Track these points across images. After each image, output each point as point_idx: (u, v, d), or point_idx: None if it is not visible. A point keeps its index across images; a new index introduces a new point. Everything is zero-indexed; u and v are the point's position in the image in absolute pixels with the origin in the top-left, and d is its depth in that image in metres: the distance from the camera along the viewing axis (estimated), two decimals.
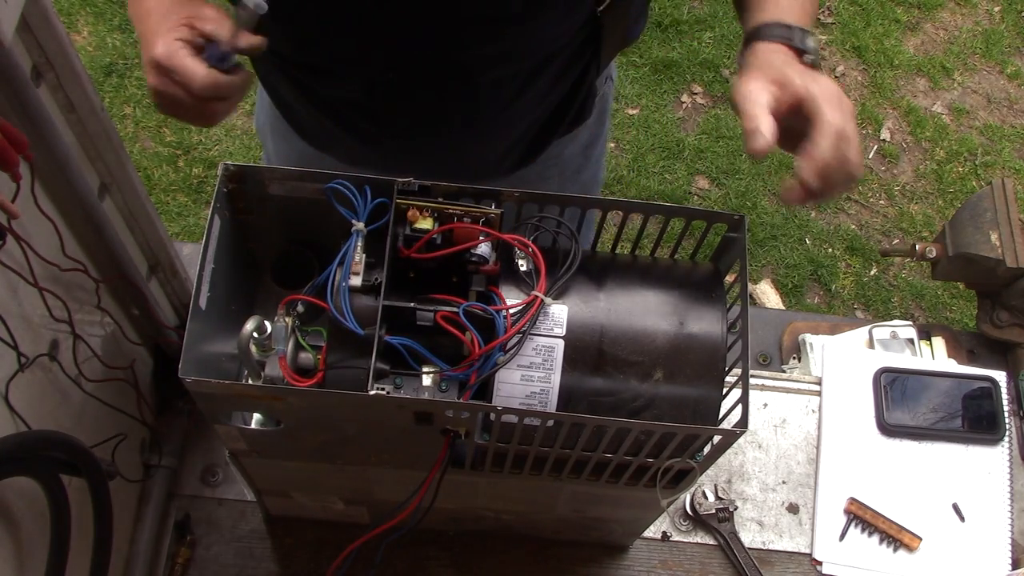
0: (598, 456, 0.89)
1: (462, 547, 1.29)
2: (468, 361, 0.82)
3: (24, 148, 0.80)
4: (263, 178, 0.90)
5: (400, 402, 0.81)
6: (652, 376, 0.85)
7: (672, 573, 1.30)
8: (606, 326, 0.85)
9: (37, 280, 0.89)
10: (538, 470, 0.94)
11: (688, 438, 0.84)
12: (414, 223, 0.84)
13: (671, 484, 0.93)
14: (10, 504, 0.88)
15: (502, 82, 1.09)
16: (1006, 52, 3.04)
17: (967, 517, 1.34)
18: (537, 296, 0.83)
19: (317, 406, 0.85)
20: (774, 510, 1.34)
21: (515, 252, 0.86)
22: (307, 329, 0.88)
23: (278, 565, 1.26)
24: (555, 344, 0.84)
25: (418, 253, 0.84)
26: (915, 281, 2.61)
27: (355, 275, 0.82)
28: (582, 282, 0.87)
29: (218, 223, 0.88)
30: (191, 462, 1.30)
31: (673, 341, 0.86)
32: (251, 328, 0.86)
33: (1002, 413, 1.39)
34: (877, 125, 2.87)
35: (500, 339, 0.81)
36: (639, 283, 0.89)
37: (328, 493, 1.14)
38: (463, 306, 0.82)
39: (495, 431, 0.85)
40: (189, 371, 0.80)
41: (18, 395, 0.88)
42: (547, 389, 0.84)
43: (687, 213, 0.92)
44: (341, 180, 0.85)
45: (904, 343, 1.47)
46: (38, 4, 0.85)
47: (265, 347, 0.87)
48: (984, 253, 1.40)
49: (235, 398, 0.85)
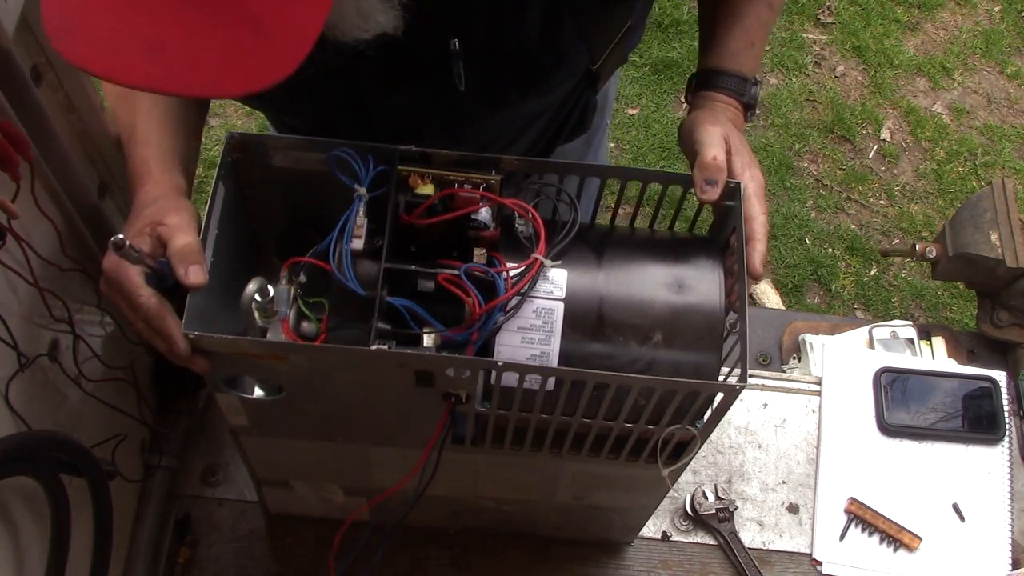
0: (598, 425, 0.90)
1: (462, 547, 1.29)
2: (469, 322, 0.83)
3: (24, 148, 0.81)
4: (267, 147, 0.90)
5: (402, 359, 0.81)
6: (651, 339, 0.86)
7: (672, 573, 1.30)
8: (605, 293, 0.87)
9: (37, 280, 0.89)
10: (538, 445, 0.95)
11: (688, 398, 0.85)
12: (415, 189, 0.86)
13: (672, 457, 0.94)
14: (10, 504, 0.88)
15: (500, 138, 1.13)
16: (1006, 52, 3.04)
17: (967, 517, 1.34)
18: (537, 258, 0.84)
19: (319, 367, 0.85)
20: (774, 510, 1.34)
21: (515, 220, 0.88)
22: (309, 300, 0.88)
23: (278, 565, 1.26)
24: (555, 306, 0.85)
25: (419, 219, 0.85)
26: (915, 281, 2.61)
27: (357, 238, 0.83)
28: (581, 252, 0.88)
29: (222, 192, 0.88)
30: (191, 462, 1.30)
31: (672, 307, 0.87)
32: (254, 288, 0.86)
33: (1002, 413, 1.39)
34: (877, 125, 2.87)
35: (501, 298, 0.82)
36: (638, 252, 0.91)
37: (328, 481, 1.14)
38: (464, 267, 0.83)
39: (495, 396, 0.86)
40: (193, 326, 0.80)
41: (18, 395, 0.88)
42: (547, 352, 0.85)
43: (682, 180, 0.94)
44: (344, 148, 0.86)
45: (904, 343, 1.47)
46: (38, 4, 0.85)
47: (268, 312, 0.87)
48: (984, 253, 1.40)
49: (238, 358, 0.84)
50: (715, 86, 1.07)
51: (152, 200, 0.89)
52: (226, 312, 0.90)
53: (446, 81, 0.94)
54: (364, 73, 0.92)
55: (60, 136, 0.91)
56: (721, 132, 0.96)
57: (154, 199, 0.89)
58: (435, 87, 0.96)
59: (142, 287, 0.83)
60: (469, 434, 0.94)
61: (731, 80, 1.06)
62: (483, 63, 0.94)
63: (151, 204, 0.88)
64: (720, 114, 1.03)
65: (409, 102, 0.98)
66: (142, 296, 0.83)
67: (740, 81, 1.06)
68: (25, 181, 0.84)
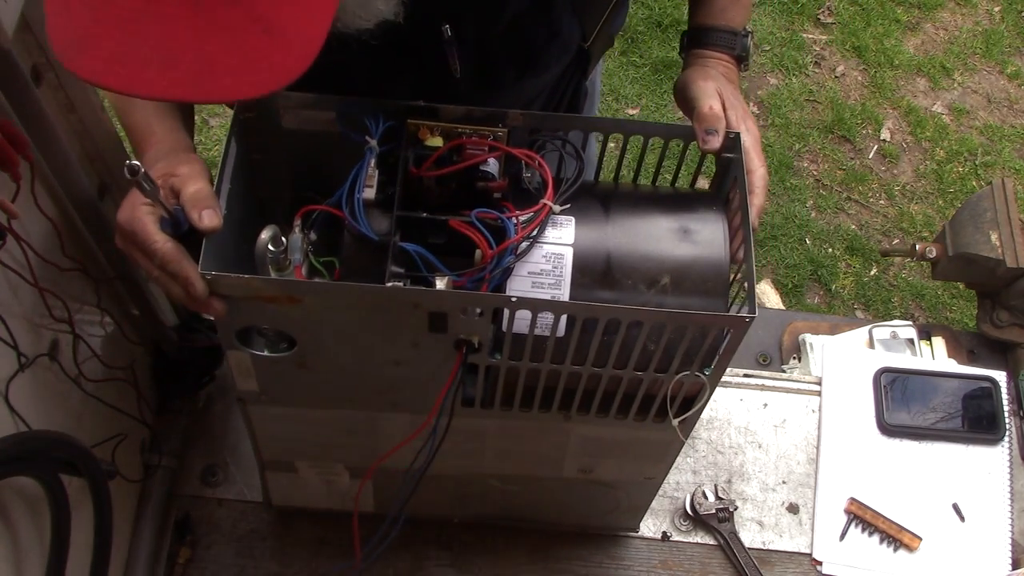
0: (608, 374, 0.91)
1: (462, 547, 1.29)
2: (480, 265, 0.84)
3: (24, 148, 0.81)
4: (278, 106, 0.91)
5: (416, 297, 0.82)
6: (659, 282, 0.88)
7: (672, 573, 1.30)
8: (612, 243, 0.88)
9: (37, 280, 0.89)
10: (547, 406, 0.96)
11: (697, 338, 0.86)
12: (424, 141, 0.88)
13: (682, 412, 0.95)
14: (10, 504, 0.88)
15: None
16: (1006, 52, 3.04)
17: (967, 517, 1.34)
18: (546, 204, 0.86)
19: (332, 315, 0.85)
20: (774, 510, 1.34)
21: (522, 171, 0.89)
22: (320, 258, 0.89)
23: (278, 565, 1.26)
24: (564, 252, 0.87)
25: (428, 171, 0.86)
26: (915, 281, 2.61)
27: (369, 187, 0.85)
28: (588, 205, 0.90)
29: (234, 149, 0.88)
30: (191, 462, 1.30)
31: (678, 256, 0.89)
32: (267, 237, 0.86)
33: (1002, 413, 1.39)
34: (877, 125, 2.87)
35: (511, 240, 0.84)
36: (643, 205, 0.93)
37: (335, 460, 1.13)
38: (474, 212, 0.84)
39: (507, 344, 0.87)
40: (209, 267, 0.80)
41: (18, 395, 0.88)
42: (557, 296, 0.86)
43: (684, 133, 0.96)
44: (354, 103, 0.88)
45: (904, 343, 1.47)
46: (38, 4, 0.85)
47: (281, 263, 0.87)
48: (984, 253, 1.40)
49: (253, 304, 0.84)
50: (705, 43, 1.08)
51: (161, 156, 0.89)
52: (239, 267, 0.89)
53: (441, 70, 0.94)
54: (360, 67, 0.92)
55: (60, 136, 0.91)
56: (714, 86, 0.98)
57: (163, 155, 0.89)
58: (431, 77, 0.96)
59: (157, 233, 0.83)
60: (479, 395, 0.95)
61: (720, 35, 1.07)
62: (477, 46, 0.95)
63: (160, 160, 0.88)
64: (711, 69, 1.05)
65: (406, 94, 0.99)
66: (157, 242, 0.82)
67: (730, 35, 1.07)
68: (25, 181, 0.84)
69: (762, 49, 2.95)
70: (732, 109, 0.98)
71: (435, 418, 0.90)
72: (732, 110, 0.98)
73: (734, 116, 0.97)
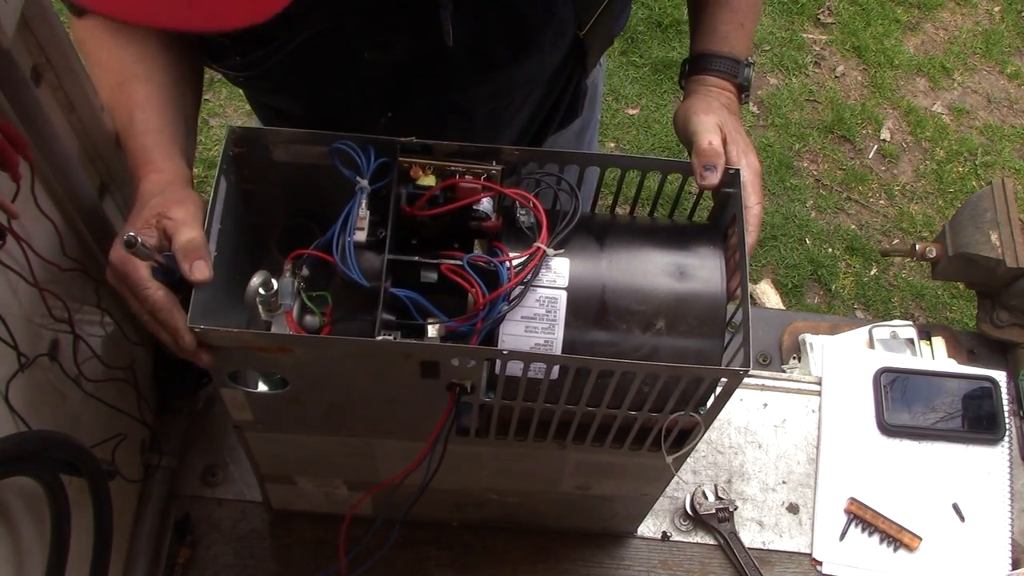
0: (602, 413, 0.90)
1: (462, 547, 1.29)
2: (472, 312, 0.83)
3: (24, 148, 0.80)
4: (268, 141, 0.90)
5: (407, 349, 0.81)
6: (654, 326, 0.86)
7: (672, 573, 1.30)
8: (608, 281, 0.87)
9: (37, 280, 0.89)
10: (542, 435, 0.95)
11: (692, 384, 0.85)
12: (417, 180, 0.86)
13: (676, 445, 0.94)
14: (10, 504, 0.87)
15: (496, 111, 1.13)
16: (1006, 52, 3.04)
17: (967, 517, 1.34)
18: (539, 247, 0.85)
19: (324, 359, 0.85)
20: (774, 510, 1.34)
21: (516, 209, 0.88)
22: (312, 294, 0.88)
23: (278, 565, 1.26)
24: (558, 295, 0.86)
25: (421, 210, 0.85)
26: (915, 281, 2.61)
27: (359, 230, 0.83)
28: (583, 240, 0.89)
29: (224, 186, 0.88)
30: (191, 462, 1.30)
31: (674, 294, 0.87)
32: (258, 282, 0.86)
33: (1002, 413, 1.39)
34: (877, 125, 2.87)
35: (504, 287, 0.82)
36: (639, 240, 0.91)
37: (332, 475, 1.13)
38: (466, 257, 0.83)
39: (500, 385, 0.86)
40: (198, 320, 0.80)
41: (18, 395, 0.88)
42: (551, 340, 0.85)
43: (683, 168, 0.94)
44: (345, 140, 0.86)
45: (904, 343, 1.47)
46: (38, 4, 0.85)
47: (272, 305, 0.87)
48: (984, 253, 1.40)
49: (243, 352, 0.84)
50: (707, 69, 1.07)
51: (157, 190, 0.88)
52: (230, 305, 0.90)
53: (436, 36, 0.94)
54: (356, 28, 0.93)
55: (60, 136, 0.91)
56: (715, 120, 0.97)
57: (159, 189, 0.88)
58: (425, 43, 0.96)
59: (148, 280, 0.83)
60: (473, 425, 0.94)
61: (723, 62, 1.06)
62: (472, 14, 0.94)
63: (156, 195, 0.87)
64: (713, 100, 1.04)
65: (400, 61, 0.98)
66: (148, 289, 0.83)
67: (732, 63, 1.06)
68: (25, 181, 0.83)
69: (762, 49, 2.95)
70: (733, 143, 0.97)
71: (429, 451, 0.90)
72: (733, 144, 0.97)
73: (735, 151, 0.96)
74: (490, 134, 1.17)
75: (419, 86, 1.04)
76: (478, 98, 1.09)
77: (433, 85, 1.04)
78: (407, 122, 1.09)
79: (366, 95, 1.05)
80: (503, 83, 1.08)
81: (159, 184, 0.89)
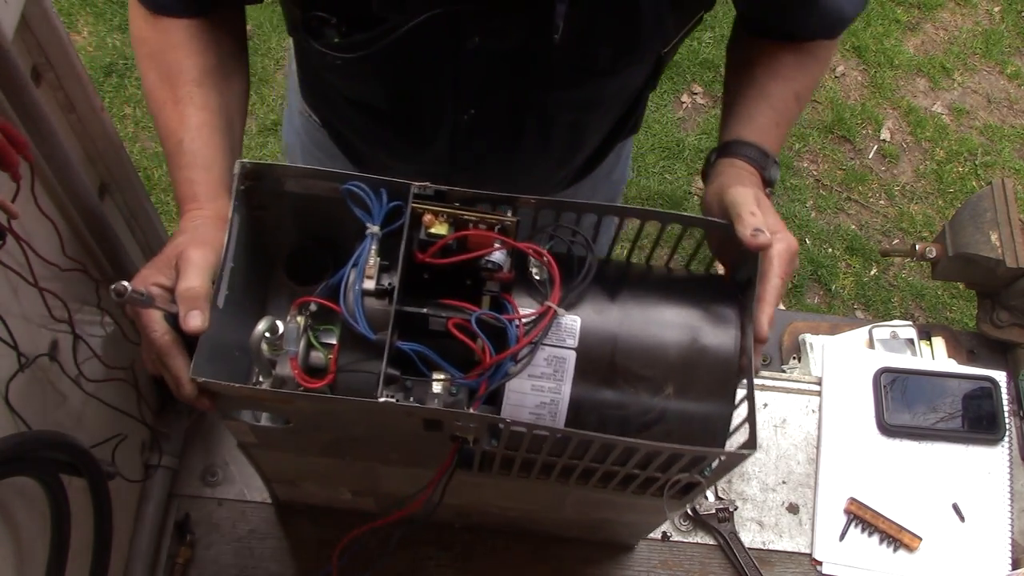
0: (605, 468, 0.89)
1: (462, 547, 1.29)
2: (479, 370, 0.81)
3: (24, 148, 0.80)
4: (279, 176, 0.89)
5: (409, 410, 0.80)
6: (663, 391, 0.84)
7: (672, 573, 1.30)
8: (619, 337, 0.85)
9: (37, 280, 0.89)
10: (545, 475, 0.94)
11: (696, 457, 0.83)
12: (429, 228, 0.83)
13: (678, 495, 0.93)
14: (10, 504, 0.87)
15: (578, 124, 1.12)
16: (1006, 52, 3.04)
17: (967, 517, 1.34)
18: (550, 307, 0.82)
19: (326, 410, 0.85)
20: (774, 510, 1.34)
21: (530, 260, 0.86)
22: (319, 327, 0.87)
23: (278, 565, 1.26)
24: (567, 355, 0.83)
25: (432, 258, 0.83)
26: (915, 281, 2.62)
27: (368, 279, 0.81)
28: (596, 291, 0.86)
29: (236, 221, 0.87)
30: (191, 462, 1.30)
31: (685, 355, 0.85)
32: (263, 329, 0.86)
33: (1002, 413, 1.39)
34: (877, 125, 2.87)
35: (511, 350, 0.81)
36: (653, 294, 0.88)
37: (337, 485, 1.14)
38: (475, 314, 0.81)
39: (503, 438, 0.85)
40: (201, 371, 0.80)
41: (18, 395, 0.88)
42: (557, 400, 0.84)
43: (704, 224, 0.92)
44: (357, 182, 0.84)
45: (904, 343, 1.47)
46: (38, 4, 0.85)
47: (277, 346, 0.87)
48: (984, 253, 1.40)
49: (245, 399, 0.85)
50: (739, 154, 1.03)
51: (192, 227, 0.89)
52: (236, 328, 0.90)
53: (544, 29, 0.92)
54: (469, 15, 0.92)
55: (60, 136, 0.91)
56: (753, 194, 0.93)
57: (194, 227, 0.89)
58: (532, 36, 0.94)
59: (156, 323, 0.84)
60: (476, 462, 0.92)
61: (755, 151, 1.02)
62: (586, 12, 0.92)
63: (189, 231, 0.89)
64: (746, 178, 1.00)
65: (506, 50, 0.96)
66: (156, 332, 0.84)
67: (763, 155, 1.02)
68: (25, 181, 0.83)
69: None
70: (769, 216, 0.92)
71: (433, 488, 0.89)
72: (769, 216, 0.92)
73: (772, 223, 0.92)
74: (564, 145, 1.15)
75: (512, 83, 1.01)
76: (565, 104, 1.07)
77: (526, 84, 1.02)
78: (488, 122, 1.07)
79: (457, 89, 1.02)
80: (593, 92, 1.06)
81: (195, 222, 0.90)
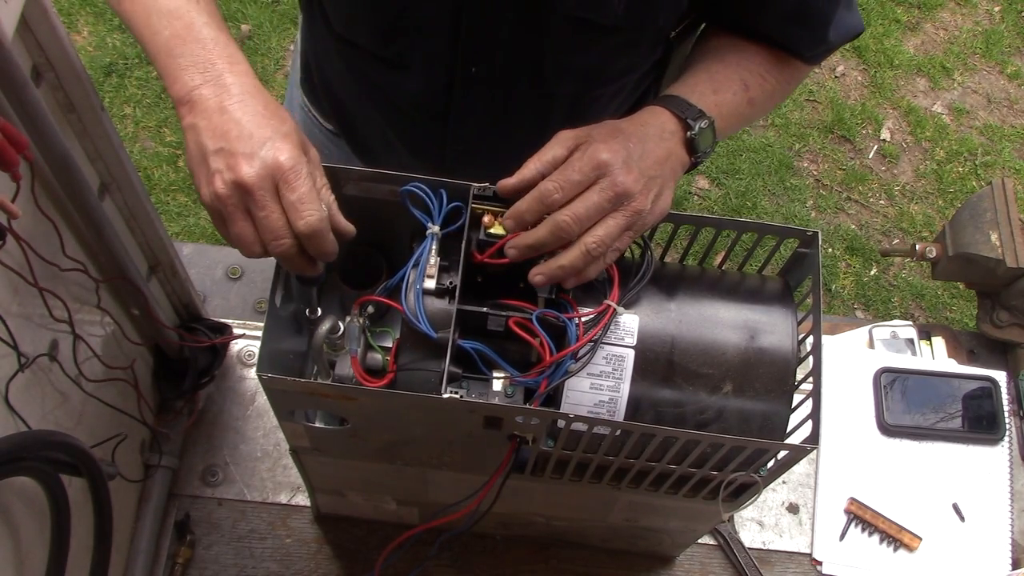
0: (662, 467, 0.89)
1: (462, 547, 1.29)
2: (539, 368, 0.82)
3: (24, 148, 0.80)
4: (340, 178, 0.89)
5: (472, 406, 0.81)
6: (721, 389, 0.85)
7: (672, 573, 1.30)
8: (677, 337, 0.85)
9: (37, 280, 0.89)
10: (598, 478, 0.94)
11: (755, 452, 0.84)
12: (489, 228, 0.84)
13: (732, 497, 0.93)
14: (10, 504, 0.87)
15: (576, 99, 1.09)
16: (1006, 52, 3.04)
17: (967, 517, 1.34)
18: (610, 305, 0.83)
19: (387, 407, 0.85)
20: (774, 510, 1.34)
21: None
22: (375, 329, 0.88)
23: (278, 565, 1.26)
24: (625, 354, 0.84)
25: (491, 259, 0.84)
26: (915, 281, 2.61)
27: (429, 278, 0.82)
28: (653, 292, 0.87)
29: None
30: (191, 462, 1.30)
31: (743, 355, 0.85)
32: (327, 328, 0.86)
33: (1002, 413, 1.39)
34: (877, 125, 2.87)
35: (572, 347, 0.81)
36: (710, 295, 0.88)
37: (383, 493, 1.14)
38: (536, 312, 0.82)
39: (561, 438, 0.85)
40: (265, 368, 0.81)
41: (18, 395, 0.88)
42: (615, 398, 0.84)
43: (759, 228, 0.92)
44: (417, 183, 0.85)
45: (904, 343, 1.47)
46: (38, 4, 0.85)
47: (336, 346, 0.87)
48: (984, 253, 1.40)
49: (307, 396, 0.85)
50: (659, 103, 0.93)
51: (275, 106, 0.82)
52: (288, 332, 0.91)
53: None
54: None
55: (60, 136, 0.91)
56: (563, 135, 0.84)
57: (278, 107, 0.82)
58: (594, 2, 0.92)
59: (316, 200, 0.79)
60: (530, 463, 0.92)
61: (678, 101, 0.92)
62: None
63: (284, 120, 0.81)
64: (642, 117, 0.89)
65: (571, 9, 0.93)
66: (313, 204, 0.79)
67: (686, 104, 0.91)
68: (25, 181, 0.83)
69: None
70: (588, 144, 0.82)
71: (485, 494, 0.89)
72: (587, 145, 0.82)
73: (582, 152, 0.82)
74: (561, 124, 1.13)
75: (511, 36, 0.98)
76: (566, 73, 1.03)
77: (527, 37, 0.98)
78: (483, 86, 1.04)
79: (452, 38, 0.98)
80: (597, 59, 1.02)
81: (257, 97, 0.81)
